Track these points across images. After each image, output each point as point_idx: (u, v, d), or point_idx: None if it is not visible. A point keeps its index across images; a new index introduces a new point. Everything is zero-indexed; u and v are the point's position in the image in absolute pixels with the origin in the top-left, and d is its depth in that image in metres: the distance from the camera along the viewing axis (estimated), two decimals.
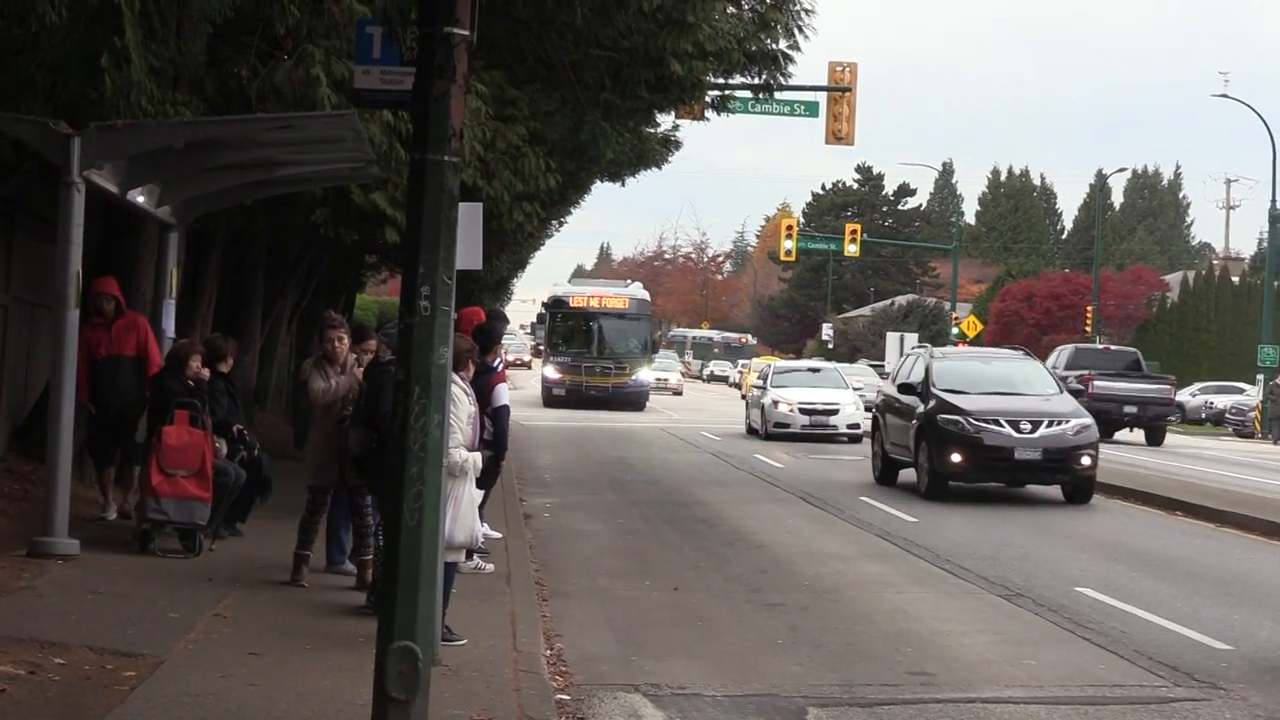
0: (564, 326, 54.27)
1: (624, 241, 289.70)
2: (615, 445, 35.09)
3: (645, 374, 54.01)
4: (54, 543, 12.72)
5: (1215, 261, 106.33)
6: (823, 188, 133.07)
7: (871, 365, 69.34)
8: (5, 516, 14.47)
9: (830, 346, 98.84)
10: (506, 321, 16.46)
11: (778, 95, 30.50)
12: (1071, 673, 11.39)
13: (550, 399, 52.61)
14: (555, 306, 54.73)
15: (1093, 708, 10.26)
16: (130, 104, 13.37)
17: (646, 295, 57.50)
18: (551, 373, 53.44)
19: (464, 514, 10.53)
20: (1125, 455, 37.77)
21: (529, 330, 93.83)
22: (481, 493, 11.51)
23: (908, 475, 25.38)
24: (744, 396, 48.91)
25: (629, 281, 66.16)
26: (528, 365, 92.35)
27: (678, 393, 74.13)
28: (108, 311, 15.38)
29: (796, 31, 20.14)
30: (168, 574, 12.74)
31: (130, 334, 15.47)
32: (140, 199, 15.03)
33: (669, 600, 14.32)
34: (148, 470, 13.61)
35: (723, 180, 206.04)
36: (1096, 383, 41.98)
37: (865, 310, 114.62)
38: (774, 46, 20.40)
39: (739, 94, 25.57)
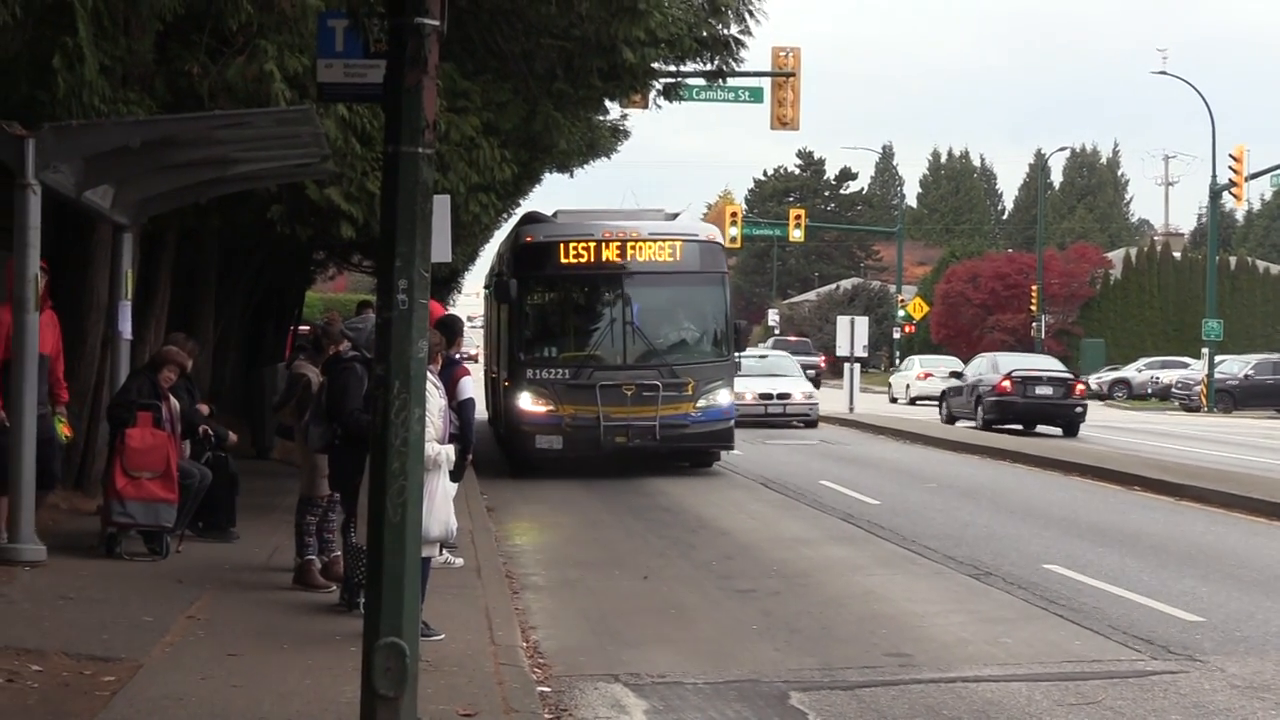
0: (549, 303, 26.59)
1: None
2: None
3: (725, 395, 25.65)
4: (20, 549, 12.56)
5: (1156, 238, 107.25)
6: (765, 174, 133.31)
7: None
8: None
9: (777, 332, 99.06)
10: (461, 321, 16.39)
11: (723, 82, 30.43)
12: (1048, 649, 11.44)
13: (531, 456, 25.13)
14: (530, 263, 25.64)
15: (1073, 683, 10.29)
16: (83, 104, 13.19)
17: (718, 235, 27.54)
18: (529, 403, 24.82)
19: (438, 508, 10.44)
20: (1083, 432, 38.08)
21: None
22: (455, 486, 11.44)
23: None
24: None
25: (673, 211, 28.58)
26: (474, 359, 55.16)
27: (808, 422, 39.89)
28: None
29: (747, 16, 20.02)
30: (137, 577, 12.62)
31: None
32: (95, 200, 14.86)
33: (639, 589, 14.29)
34: (112, 473, 13.47)
35: (664, 168, 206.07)
36: None
37: (810, 295, 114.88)
38: (725, 32, 20.28)
39: (690, 81, 25.47)
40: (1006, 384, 39.25)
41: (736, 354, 26.93)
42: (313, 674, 9.50)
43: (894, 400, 61.52)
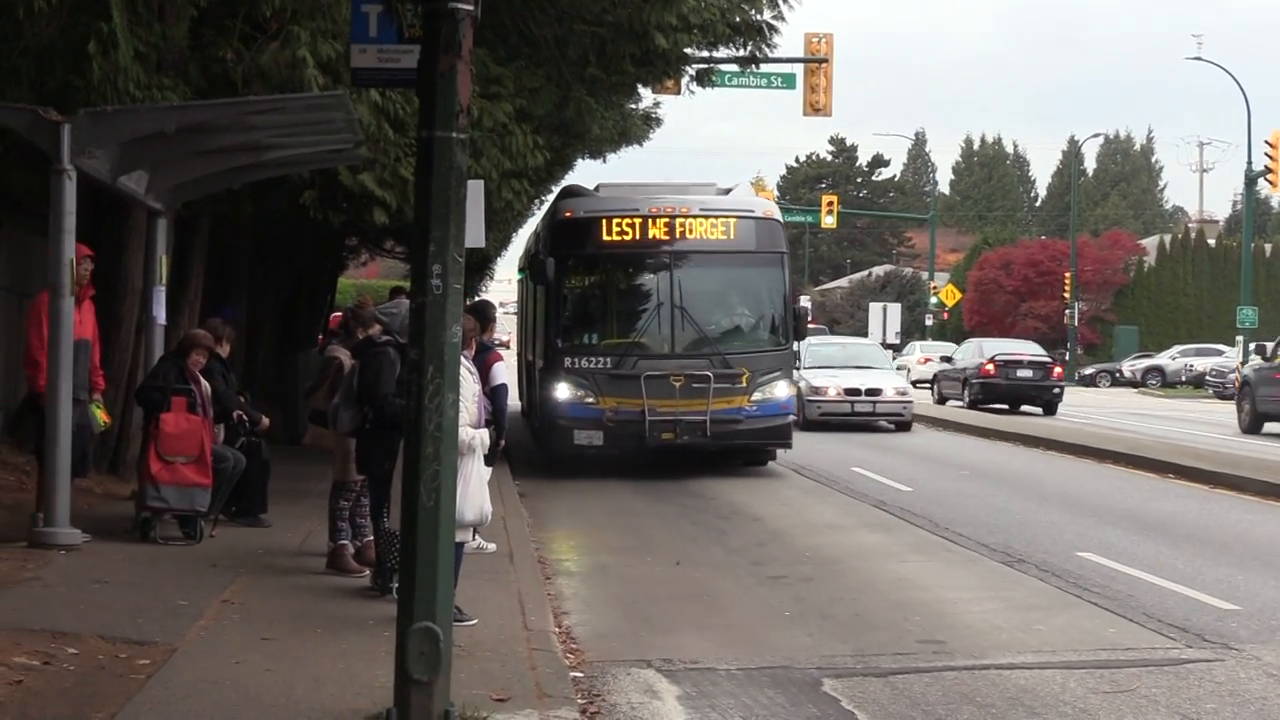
0: (590, 285, 24.43)
1: None
2: None
3: (783, 387, 23.22)
4: (55, 533, 12.62)
5: (1190, 225, 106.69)
6: (797, 160, 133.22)
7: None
8: (2, 508, 14.35)
9: (809, 319, 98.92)
10: (494, 307, 16.45)
11: (756, 68, 30.36)
12: (1082, 637, 11.39)
13: (568, 452, 23.02)
14: (569, 240, 23.36)
15: (1107, 671, 10.24)
16: (117, 90, 13.26)
17: (776, 211, 24.75)
18: (567, 394, 22.69)
19: (473, 492, 10.43)
20: (1114, 420, 37.97)
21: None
22: (490, 470, 11.44)
23: None
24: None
25: (726, 186, 25.18)
26: (506, 345, 51.15)
27: (901, 423, 34.33)
28: None
29: (780, 1, 20.06)
30: (172, 561, 12.67)
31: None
32: (130, 185, 14.91)
33: (672, 575, 14.28)
34: (146, 457, 13.52)
35: (696, 154, 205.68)
36: None
37: (843, 282, 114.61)
38: (758, 17, 20.31)
39: (722, 67, 25.41)
40: (990, 367, 41.90)
41: (796, 342, 23.83)
42: (346, 658, 9.52)
43: None
